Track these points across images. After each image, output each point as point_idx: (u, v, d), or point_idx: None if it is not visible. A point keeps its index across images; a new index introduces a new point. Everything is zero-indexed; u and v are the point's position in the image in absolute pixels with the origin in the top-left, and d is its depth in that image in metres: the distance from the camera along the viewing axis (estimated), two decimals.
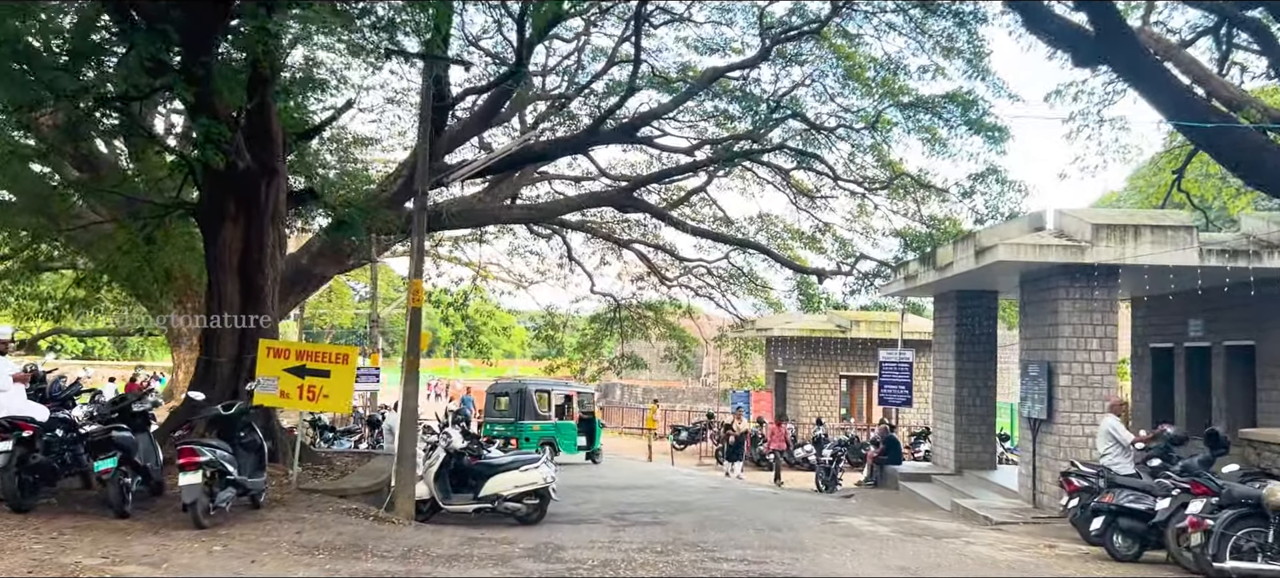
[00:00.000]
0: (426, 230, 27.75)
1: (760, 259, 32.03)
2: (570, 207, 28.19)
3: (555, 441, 22.47)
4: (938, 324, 20.81)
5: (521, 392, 23.25)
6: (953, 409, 19.61)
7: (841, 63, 25.32)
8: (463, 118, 25.57)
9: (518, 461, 12.96)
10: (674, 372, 53.70)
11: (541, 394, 23.45)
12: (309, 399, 12.32)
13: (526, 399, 23.04)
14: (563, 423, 23.56)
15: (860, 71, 25.26)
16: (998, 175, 24.94)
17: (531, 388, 23.68)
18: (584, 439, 24.14)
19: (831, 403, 28.83)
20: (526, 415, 22.85)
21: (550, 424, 23.10)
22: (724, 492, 17.66)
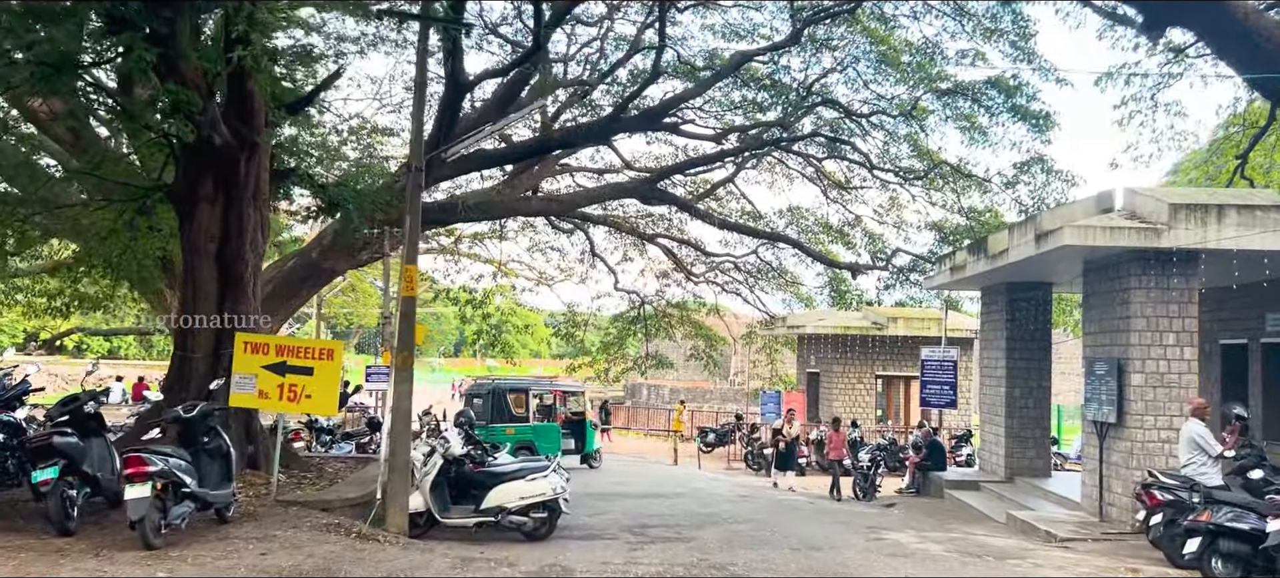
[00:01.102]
0: (441, 223, 26.52)
1: (790, 254, 30.40)
2: (592, 198, 26.70)
3: (533, 445, 19.39)
4: (986, 319, 19.10)
5: (494, 392, 20.49)
6: (1003, 411, 17.90)
7: (875, 48, 23.82)
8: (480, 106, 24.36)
9: (524, 469, 11.45)
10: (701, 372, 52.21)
11: (516, 395, 20.91)
12: (290, 400, 10.89)
13: (499, 400, 20.28)
14: (544, 426, 20.43)
15: (895, 56, 23.69)
16: (1043, 164, 23.26)
17: (505, 388, 21.07)
18: (573, 443, 21.46)
19: (867, 404, 27.14)
20: (500, 418, 19.77)
21: (527, 427, 19.91)
22: (754, 501, 16.07)
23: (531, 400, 20.69)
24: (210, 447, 9.37)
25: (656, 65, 21.43)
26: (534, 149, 23.89)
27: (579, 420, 22.15)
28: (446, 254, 35.30)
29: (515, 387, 21.33)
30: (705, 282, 30.49)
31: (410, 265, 11.18)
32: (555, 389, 23.01)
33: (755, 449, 24.38)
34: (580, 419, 22.26)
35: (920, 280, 28.12)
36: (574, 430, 21.65)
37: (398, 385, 11.06)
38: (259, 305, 12.07)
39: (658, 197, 25.86)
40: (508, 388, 20.83)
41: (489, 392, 20.38)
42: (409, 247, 11.24)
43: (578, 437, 21.69)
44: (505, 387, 20.84)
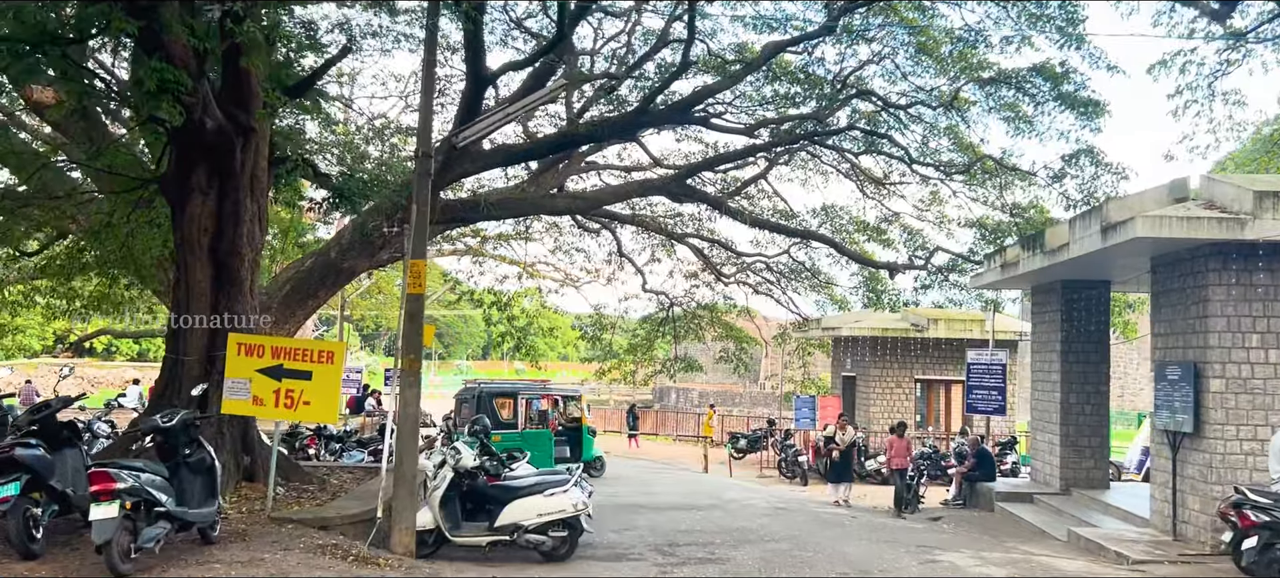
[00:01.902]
0: (463, 221, 25.54)
1: (824, 254, 29.14)
2: (618, 195, 25.58)
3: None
4: (1038, 320, 17.83)
5: (479, 396, 18.46)
6: (1057, 418, 16.64)
7: (914, 38, 22.65)
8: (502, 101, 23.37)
9: (542, 483, 10.39)
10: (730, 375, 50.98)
11: (502, 399, 19.10)
12: (287, 406, 9.89)
13: (484, 405, 18.12)
14: (535, 433, 18.30)
15: (934, 46, 22.44)
16: (1092, 155, 21.92)
17: (491, 392, 19.05)
18: (568, 451, 19.34)
19: (906, 409, 25.81)
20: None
21: (515, 435, 17.54)
22: (792, 515, 14.91)
23: (520, 406, 19.08)
24: (192, 460, 8.37)
25: (686, 56, 20.32)
26: (558, 144, 22.84)
27: (575, 427, 20.31)
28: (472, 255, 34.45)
29: (502, 390, 19.60)
30: (736, 282, 29.35)
31: (417, 260, 10.16)
32: (548, 393, 21.37)
33: (789, 456, 23.17)
34: (576, 426, 20.45)
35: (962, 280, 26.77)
36: (570, 438, 19.69)
37: (404, 390, 10.03)
38: (257, 304, 11.10)
39: (686, 194, 24.72)
40: (494, 392, 18.95)
41: (474, 396, 18.59)
42: (416, 240, 10.23)
43: (573, 445, 19.52)
44: (491, 390, 19.00)
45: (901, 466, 17.56)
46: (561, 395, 21.26)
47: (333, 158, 12.31)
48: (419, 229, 10.16)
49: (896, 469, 17.55)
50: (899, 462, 17.63)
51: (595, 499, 14.78)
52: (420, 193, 10.19)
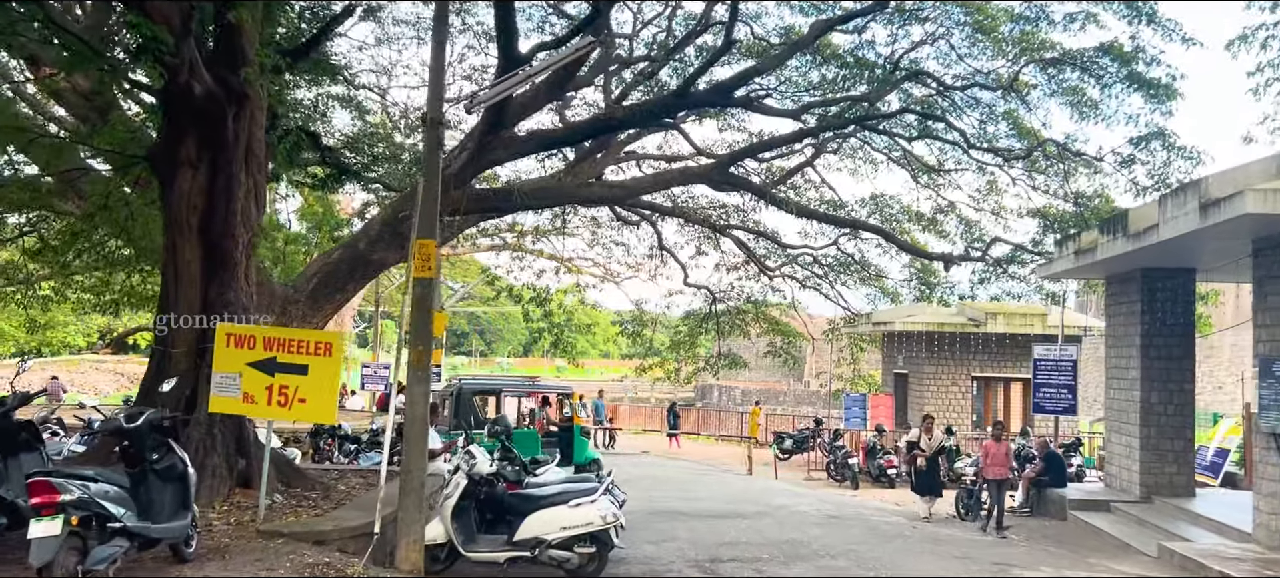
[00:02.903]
0: (496, 211, 24.37)
1: (874, 245, 27.57)
2: (657, 184, 24.24)
3: None
4: (1113, 312, 16.22)
5: (458, 393, 16.49)
6: (1137, 418, 15.03)
7: (971, 17, 21.12)
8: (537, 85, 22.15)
9: (567, 492, 9.11)
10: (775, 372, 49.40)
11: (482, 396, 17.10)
12: (280, 405, 8.69)
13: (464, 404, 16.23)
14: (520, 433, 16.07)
15: (993, 26, 20.90)
16: (1165, 139, 20.19)
17: (471, 389, 17.04)
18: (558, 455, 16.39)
19: (962, 408, 24.20)
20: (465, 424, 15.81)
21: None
22: (846, 525, 13.48)
23: (504, 404, 17.20)
24: (161, 466, 7.20)
25: (728, 36, 19.00)
26: (595, 129, 21.57)
27: (566, 428, 17.90)
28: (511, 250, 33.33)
29: (484, 388, 17.65)
30: (781, 275, 27.92)
31: (426, 239, 8.94)
32: (535, 391, 19.54)
33: (839, 458, 21.69)
34: (567, 426, 18.01)
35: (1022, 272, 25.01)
36: (560, 440, 17.31)
37: (412, 387, 8.82)
38: (254, 291, 9.95)
39: (729, 182, 23.29)
40: (475, 389, 16.91)
41: (454, 393, 16.62)
42: (423, 217, 9.00)
43: (563, 447, 17.00)
44: (472, 388, 16.96)
45: (1000, 475, 14.58)
46: (559, 393, 19.14)
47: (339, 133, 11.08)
48: (427, 205, 8.94)
49: (993, 480, 14.62)
50: (997, 471, 14.62)
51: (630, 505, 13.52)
52: (429, 164, 8.97)
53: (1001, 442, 15.03)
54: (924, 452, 16.43)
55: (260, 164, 9.82)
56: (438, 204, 9.07)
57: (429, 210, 8.99)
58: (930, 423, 17.15)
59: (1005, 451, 14.94)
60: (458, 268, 43.23)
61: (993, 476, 14.67)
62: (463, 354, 72.80)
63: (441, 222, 21.30)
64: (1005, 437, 15.21)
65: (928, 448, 16.51)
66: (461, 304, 66.11)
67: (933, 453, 16.50)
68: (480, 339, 76.34)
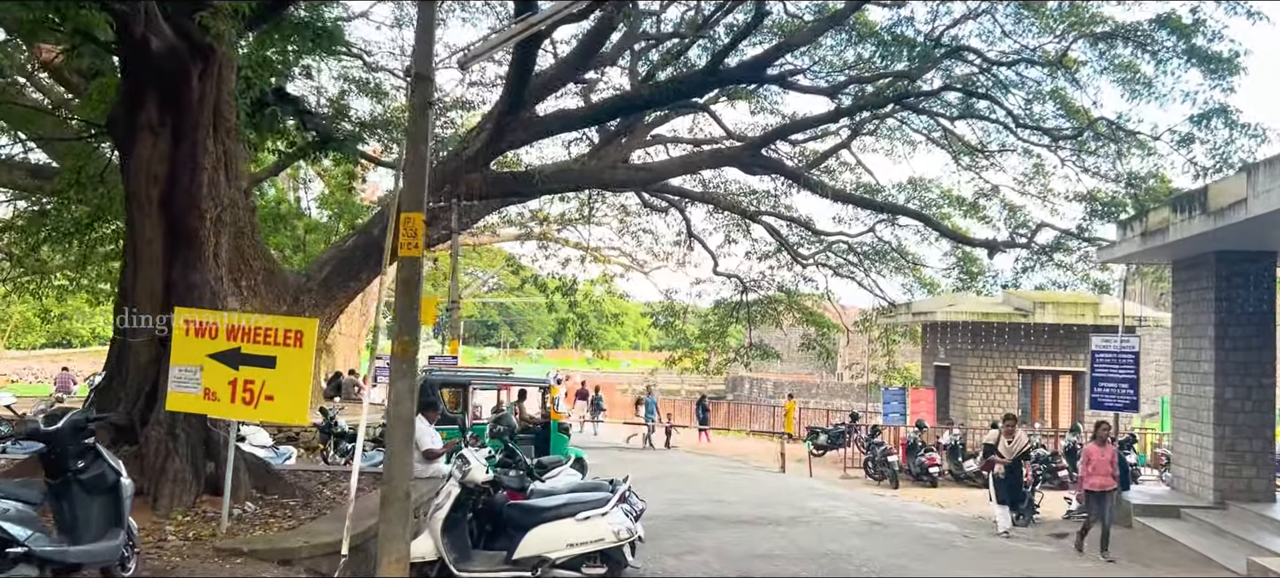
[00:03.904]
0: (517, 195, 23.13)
1: (911, 232, 26.06)
2: (685, 167, 22.93)
3: None
4: (1182, 300, 14.67)
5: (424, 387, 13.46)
6: (1210, 416, 13.50)
7: None
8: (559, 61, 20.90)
9: (574, 503, 7.83)
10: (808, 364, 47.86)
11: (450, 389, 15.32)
12: (246, 402, 7.50)
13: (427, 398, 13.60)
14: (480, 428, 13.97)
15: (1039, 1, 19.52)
16: (1226, 116, 18.54)
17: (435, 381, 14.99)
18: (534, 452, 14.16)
19: (1008, 404, 22.58)
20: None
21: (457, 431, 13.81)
22: (891, 534, 12.09)
23: (471, 398, 15.56)
24: (87, 477, 6.01)
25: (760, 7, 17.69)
26: (619, 108, 20.31)
27: (541, 426, 15.96)
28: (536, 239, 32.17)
29: (450, 380, 15.84)
30: (815, 264, 26.49)
31: (413, 213, 7.67)
32: (508, 382, 17.85)
33: (877, 456, 20.27)
34: (543, 423, 16.03)
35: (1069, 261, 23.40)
36: (536, 437, 15.48)
37: (396, 381, 7.58)
38: (225, 273, 8.77)
39: (761, 165, 21.94)
40: (438, 381, 15.25)
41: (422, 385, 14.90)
42: (411, 187, 7.75)
43: (540, 445, 15.14)
44: (436, 380, 15.28)
45: (1104, 486, 11.91)
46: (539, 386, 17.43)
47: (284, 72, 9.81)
48: (415, 174, 7.68)
49: (1094, 492, 11.99)
50: (1101, 481, 11.93)
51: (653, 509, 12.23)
52: (416, 127, 7.70)
53: (1106, 446, 12.30)
54: (1002, 457, 13.94)
55: (231, 129, 8.62)
56: (427, 172, 7.80)
57: (417, 179, 7.73)
58: (1013, 424, 14.42)
59: (1110, 457, 12.20)
60: (483, 257, 42.10)
61: (1096, 486, 11.98)
62: (492, 345, 71.90)
63: (458, 206, 20.16)
64: (1110, 440, 12.51)
65: (1008, 452, 13.97)
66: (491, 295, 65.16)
67: (1014, 458, 13.98)
68: (510, 331, 75.41)
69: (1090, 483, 12.00)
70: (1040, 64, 19.68)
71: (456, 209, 20.21)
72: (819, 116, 21.17)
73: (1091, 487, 12.00)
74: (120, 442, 8.16)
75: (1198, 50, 18.01)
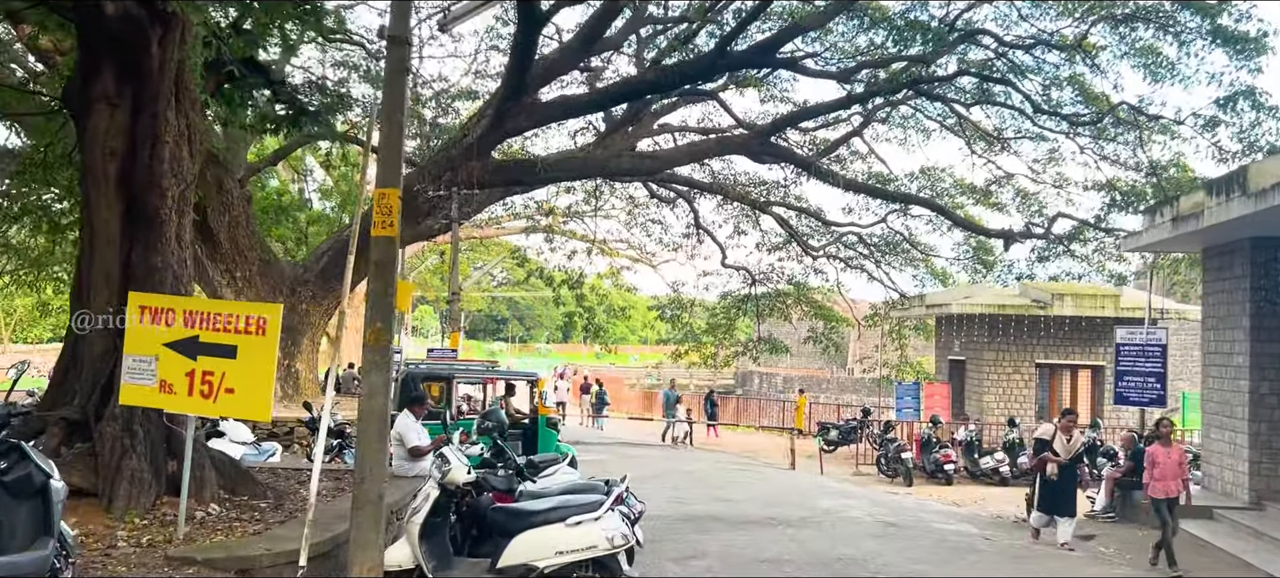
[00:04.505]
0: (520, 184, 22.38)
1: (923, 223, 25.28)
2: (692, 155, 22.17)
3: None
4: (1213, 290, 13.84)
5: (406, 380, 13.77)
6: (1244, 412, 12.68)
7: None
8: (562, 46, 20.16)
9: (564, 507, 7.07)
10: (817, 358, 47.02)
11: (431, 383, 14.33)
12: (204, 395, 6.79)
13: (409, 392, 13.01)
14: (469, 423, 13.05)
15: None
16: (1253, 98, 17.71)
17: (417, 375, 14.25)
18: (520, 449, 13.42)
19: (1024, 398, 21.79)
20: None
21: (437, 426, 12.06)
22: (909, 538, 11.31)
23: (455, 392, 14.67)
24: (10, 479, 5.31)
25: None
26: (625, 93, 19.58)
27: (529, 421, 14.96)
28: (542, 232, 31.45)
29: (431, 373, 14.99)
30: (825, 255, 25.71)
31: (389, 189, 6.94)
32: (491, 377, 16.97)
33: (891, 452, 19.49)
34: (530, 419, 15.01)
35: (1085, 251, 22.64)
36: (523, 434, 14.46)
37: (369, 374, 6.86)
38: (188, 259, 8.04)
39: (771, 153, 21.18)
40: (422, 374, 14.50)
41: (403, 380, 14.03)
42: (386, 159, 7.02)
43: (527, 442, 14.12)
44: (418, 373, 14.53)
45: (1170, 492, 10.58)
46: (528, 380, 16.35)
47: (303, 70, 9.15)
48: (390, 146, 6.94)
49: (1160, 499, 10.58)
50: (1168, 486, 10.59)
51: (656, 509, 11.50)
52: (391, 93, 6.97)
53: (1172, 447, 10.95)
54: (1058, 457, 11.76)
55: (194, 101, 7.89)
56: (402, 142, 7.07)
57: (392, 151, 7.00)
58: (1072, 421, 12.16)
59: (1178, 459, 10.86)
60: (491, 250, 41.41)
61: (1162, 493, 10.55)
62: (501, 340, 71.29)
63: (458, 195, 19.41)
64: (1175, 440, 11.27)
65: (1066, 451, 11.80)
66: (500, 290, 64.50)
67: (1070, 459, 11.86)
68: (519, 325, 74.77)
69: (1158, 489, 10.60)
70: (1058, 47, 18.92)
71: (457, 198, 19.52)
72: (830, 103, 20.39)
73: (1159, 493, 10.57)
74: (74, 438, 7.49)
75: (1223, 30, 17.21)
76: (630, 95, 19.62)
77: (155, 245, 7.61)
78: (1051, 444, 11.88)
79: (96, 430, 7.34)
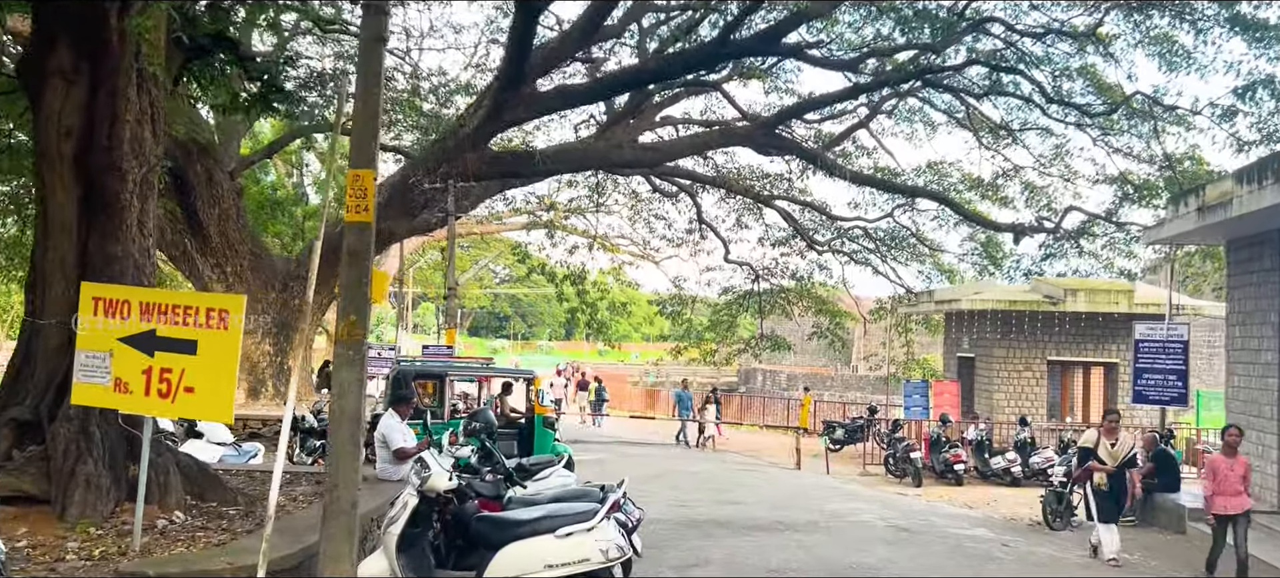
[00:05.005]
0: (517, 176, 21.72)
1: (929, 218, 24.64)
2: (695, 147, 21.55)
3: None
4: (1239, 284, 13.20)
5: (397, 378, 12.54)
6: (1274, 411, 12.05)
7: None
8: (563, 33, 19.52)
9: (555, 516, 6.46)
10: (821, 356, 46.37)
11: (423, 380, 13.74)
12: (162, 395, 6.19)
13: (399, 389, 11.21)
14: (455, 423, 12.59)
15: None
16: (1273, 87, 17.11)
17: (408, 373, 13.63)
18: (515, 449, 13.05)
19: (1036, 396, 21.13)
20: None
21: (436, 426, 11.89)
22: (922, 543, 10.69)
23: (449, 390, 14.00)
24: None
25: None
26: (627, 81, 18.94)
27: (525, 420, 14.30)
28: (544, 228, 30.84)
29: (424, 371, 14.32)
30: (829, 250, 25.08)
31: (364, 170, 6.33)
32: (485, 375, 16.28)
33: (899, 452, 18.86)
34: (527, 418, 14.31)
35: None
36: (518, 434, 13.74)
37: (340, 371, 6.24)
38: (151, 247, 7.43)
39: (776, 145, 20.54)
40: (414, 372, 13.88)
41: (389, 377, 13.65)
42: (360, 137, 6.40)
43: (522, 443, 13.48)
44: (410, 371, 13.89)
45: (1237, 507, 9.52)
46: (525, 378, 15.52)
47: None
48: (364, 123, 6.33)
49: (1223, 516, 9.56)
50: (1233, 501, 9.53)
51: (656, 513, 10.90)
52: (367, 64, 6.36)
53: (1237, 458, 9.74)
54: (1105, 464, 10.63)
55: (158, 79, 7.28)
56: (378, 116, 6.46)
57: (367, 129, 6.38)
58: (1115, 422, 11.07)
59: (1243, 471, 9.67)
60: (492, 247, 40.83)
61: (1225, 508, 9.51)
62: (504, 337, 70.70)
63: (454, 187, 18.79)
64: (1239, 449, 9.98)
65: (1112, 457, 10.66)
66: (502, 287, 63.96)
67: (1120, 465, 10.77)
68: (522, 322, 74.18)
69: (1220, 505, 9.53)
70: (1070, 36, 18.32)
71: (452, 191, 18.90)
72: (836, 93, 19.77)
73: (1222, 509, 9.51)
74: (26, 441, 6.89)
75: (1241, 18, 16.60)
76: (632, 84, 19.00)
77: (114, 233, 7.00)
78: (1095, 451, 10.75)
79: (50, 432, 6.74)
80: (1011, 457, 18.39)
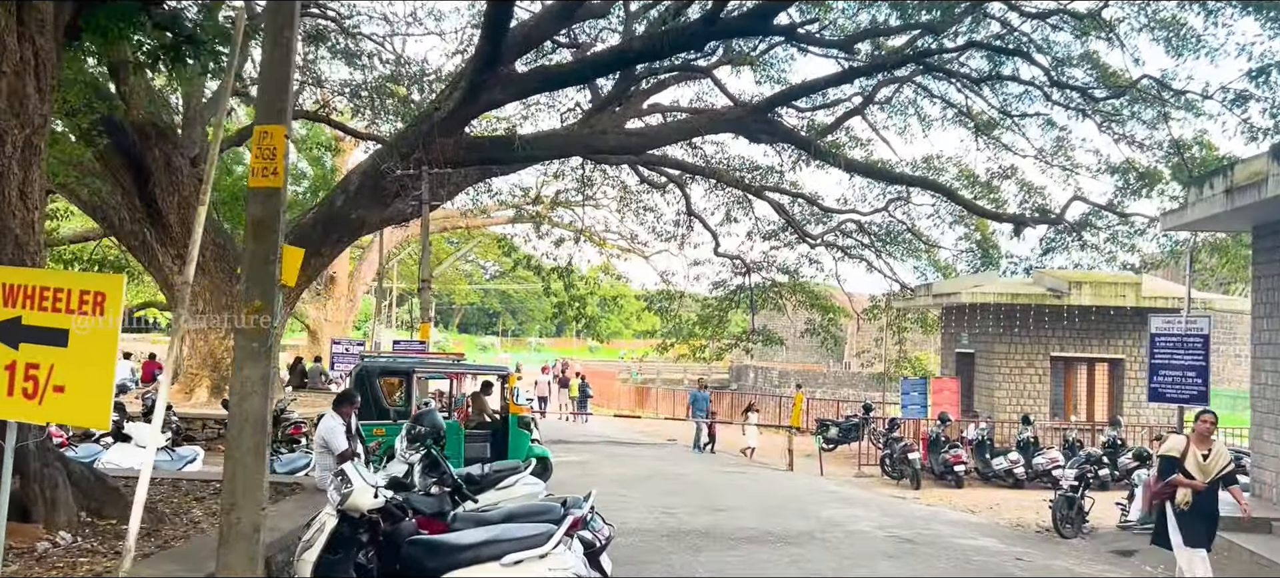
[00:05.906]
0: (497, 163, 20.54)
1: (925, 213, 23.67)
2: (682, 133, 20.45)
3: None
4: (1264, 274, 12.18)
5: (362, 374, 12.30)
6: None
7: None
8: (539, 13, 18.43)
9: (501, 539, 5.38)
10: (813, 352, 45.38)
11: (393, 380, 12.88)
12: (28, 395, 5.10)
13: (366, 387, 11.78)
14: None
15: None
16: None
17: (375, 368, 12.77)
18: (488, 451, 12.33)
19: (1039, 393, 20.11)
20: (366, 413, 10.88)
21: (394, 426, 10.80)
22: (925, 554, 9.64)
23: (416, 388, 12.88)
24: None
25: None
26: (611, 62, 17.83)
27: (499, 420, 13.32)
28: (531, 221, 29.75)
29: (392, 367, 13.19)
30: (822, 243, 24.07)
31: (274, 126, 5.23)
32: (457, 371, 15.23)
33: (897, 453, 17.83)
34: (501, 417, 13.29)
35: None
36: (492, 434, 12.79)
37: (242, 364, 5.16)
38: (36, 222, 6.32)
39: (767, 131, 19.46)
40: (378, 368, 12.79)
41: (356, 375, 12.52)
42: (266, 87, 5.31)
43: (496, 444, 12.59)
44: (373, 367, 12.78)
45: None
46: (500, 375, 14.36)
47: None
48: (276, 72, 5.24)
49: None
50: None
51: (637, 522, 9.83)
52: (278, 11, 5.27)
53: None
54: (1195, 481, 8.34)
55: (43, 23, 6.16)
56: (291, 66, 5.36)
57: (278, 80, 5.28)
58: (1211, 424, 8.67)
59: None
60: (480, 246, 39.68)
61: None
62: (493, 333, 69.53)
63: (430, 173, 17.65)
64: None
65: (1202, 472, 8.38)
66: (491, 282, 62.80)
67: (1213, 479, 8.41)
68: (511, 319, 73.02)
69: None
70: (1073, 16, 17.38)
71: (427, 178, 17.80)
72: (830, 77, 18.74)
73: None
74: None
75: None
76: (617, 65, 17.93)
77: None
78: (1182, 463, 8.47)
79: None
80: (1014, 457, 17.38)
